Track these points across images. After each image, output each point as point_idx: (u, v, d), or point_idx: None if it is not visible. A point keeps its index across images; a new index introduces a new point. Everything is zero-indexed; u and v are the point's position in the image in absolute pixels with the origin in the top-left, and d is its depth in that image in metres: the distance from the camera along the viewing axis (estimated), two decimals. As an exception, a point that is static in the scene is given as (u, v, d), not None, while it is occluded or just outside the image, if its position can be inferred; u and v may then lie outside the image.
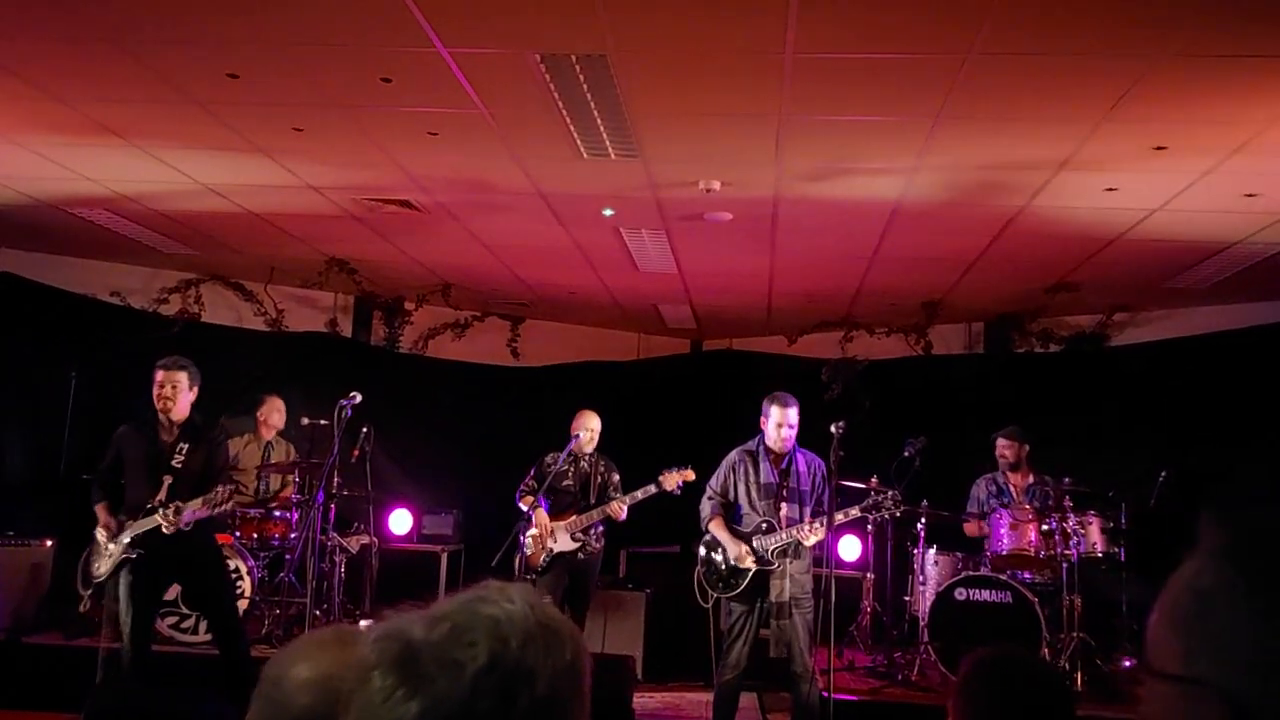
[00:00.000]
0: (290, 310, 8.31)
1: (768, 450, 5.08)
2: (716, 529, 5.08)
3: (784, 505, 4.98)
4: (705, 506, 5.20)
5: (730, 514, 5.13)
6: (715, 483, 5.21)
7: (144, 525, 4.65)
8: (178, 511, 4.56)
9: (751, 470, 5.09)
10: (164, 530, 4.57)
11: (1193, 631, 0.83)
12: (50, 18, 3.69)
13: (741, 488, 5.11)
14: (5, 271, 7.42)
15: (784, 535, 4.91)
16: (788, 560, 4.91)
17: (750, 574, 4.95)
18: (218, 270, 7.94)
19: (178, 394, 4.74)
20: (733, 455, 5.20)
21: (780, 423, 4.99)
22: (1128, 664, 5.71)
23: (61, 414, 6.85)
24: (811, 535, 4.89)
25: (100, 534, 4.76)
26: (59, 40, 3.88)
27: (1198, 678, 0.81)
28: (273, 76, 4.13)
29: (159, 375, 4.76)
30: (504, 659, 0.87)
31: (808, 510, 5.00)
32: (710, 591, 5.09)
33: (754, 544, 4.97)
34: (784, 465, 5.06)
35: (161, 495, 4.69)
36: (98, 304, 7.65)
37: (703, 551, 5.19)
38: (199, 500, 4.61)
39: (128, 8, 3.57)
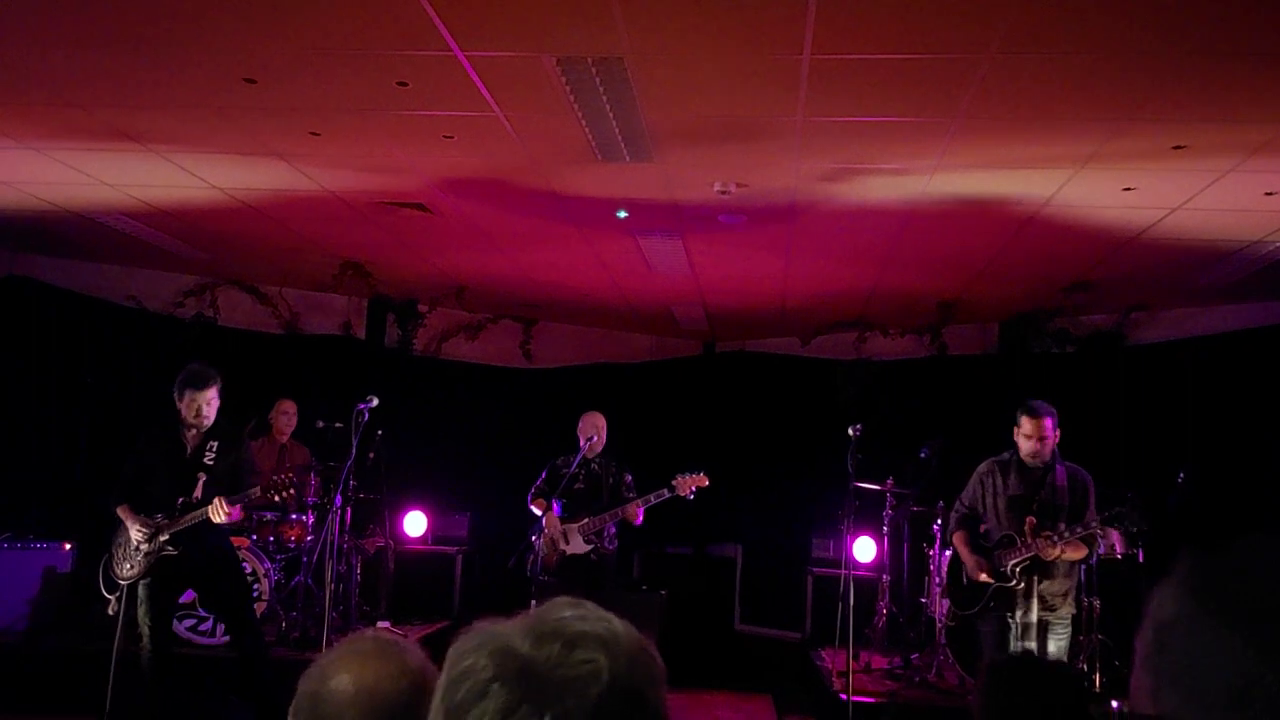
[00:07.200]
0: (305, 313, 8.36)
1: (1021, 461, 4.75)
2: (958, 543, 4.86)
3: (1030, 519, 4.59)
4: (952, 519, 4.99)
5: (976, 528, 4.85)
6: (965, 494, 4.95)
7: (189, 521, 4.68)
8: (231, 501, 4.62)
9: (1001, 481, 4.80)
10: (214, 521, 4.62)
11: (1157, 666, 0.82)
12: (67, 24, 3.70)
13: (989, 500, 4.81)
14: (23, 275, 7.48)
15: (1023, 550, 4.57)
16: (1035, 578, 4.56)
17: (989, 590, 4.66)
18: (233, 274, 7.98)
19: (212, 410, 4.82)
20: (983, 466, 4.91)
21: (1030, 434, 4.66)
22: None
23: (78, 417, 6.89)
24: (1050, 550, 4.47)
25: (136, 535, 4.74)
26: (76, 46, 3.90)
27: (1165, 715, 0.79)
28: (289, 81, 4.14)
29: (189, 395, 4.76)
30: (621, 679, 0.89)
31: (1062, 525, 4.55)
32: (955, 609, 4.90)
33: (993, 559, 4.68)
34: (1038, 477, 4.72)
35: (198, 492, 4.75)
36: (114, 308, 7.70)
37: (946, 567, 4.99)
38: (256, 491, 4.72)
39: (144, 14, 3.58)
